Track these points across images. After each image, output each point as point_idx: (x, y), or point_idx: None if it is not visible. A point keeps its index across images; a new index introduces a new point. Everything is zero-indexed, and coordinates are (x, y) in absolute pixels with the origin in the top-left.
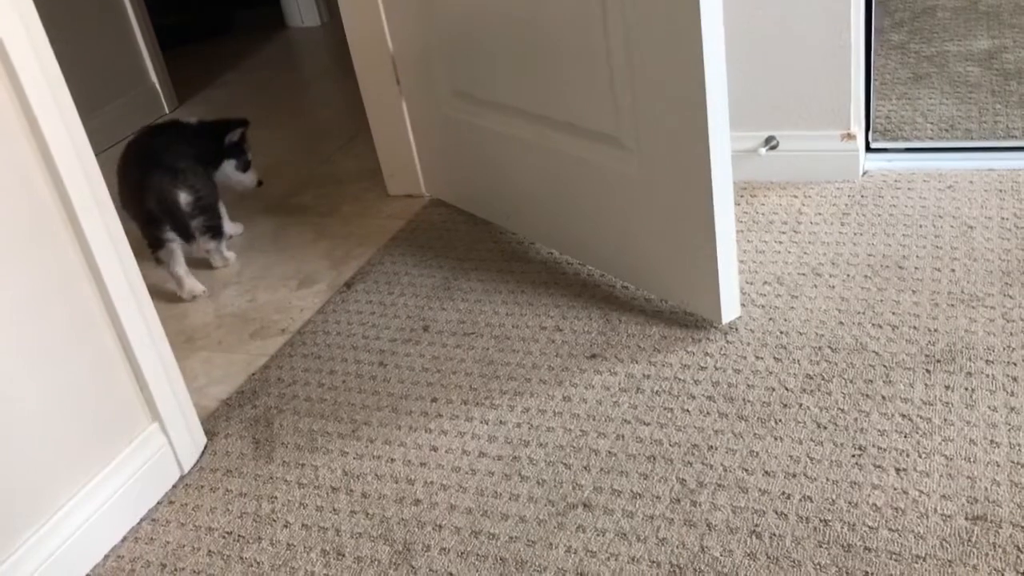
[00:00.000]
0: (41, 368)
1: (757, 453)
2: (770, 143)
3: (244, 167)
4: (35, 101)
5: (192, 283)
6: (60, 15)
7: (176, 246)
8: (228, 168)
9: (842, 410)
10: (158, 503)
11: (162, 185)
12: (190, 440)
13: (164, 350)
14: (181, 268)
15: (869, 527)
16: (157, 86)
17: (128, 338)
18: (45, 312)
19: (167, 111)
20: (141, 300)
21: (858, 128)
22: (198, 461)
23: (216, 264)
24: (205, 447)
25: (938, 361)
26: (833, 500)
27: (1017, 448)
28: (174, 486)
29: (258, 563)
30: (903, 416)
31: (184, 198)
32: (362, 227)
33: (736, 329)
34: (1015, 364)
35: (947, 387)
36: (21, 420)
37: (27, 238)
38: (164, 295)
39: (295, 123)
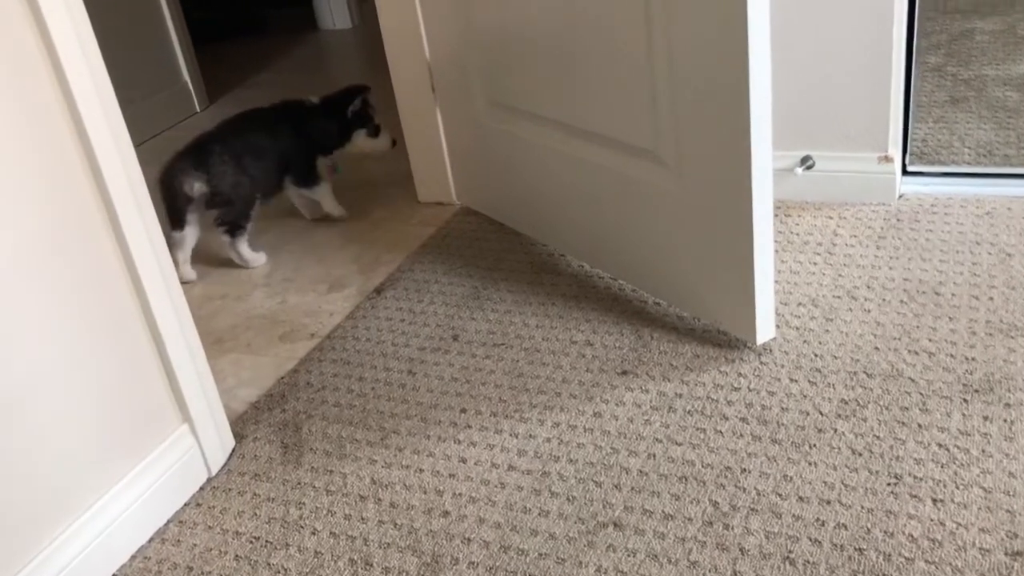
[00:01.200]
0: (76, 366)
1: (791, 478)
2: (806, 163)
3: (374, 132)
4: (80, 99)
5: (185, 271)
6: (94, 7)
7: (189, 232)
8: (359, 139)
9: (878, 437)
10: (185, 505)
11: (180, 165)
12: (219, 442)
13: (197, 351)
14: (182, 254)
15: (905, 558)
16: (189, 84)
17: (162, 338)
18: (81, 309)
19: (198, 109)
20: (176, 299)
21: (895, 151)
22: (226, 464)
23: (237, 262)
24: (233, 450)
25: (976, 391)
26: (868, 529)
27: None
28: (201, 488)
29: (285, 570)
30: (940, 446)
31: (196, 187)
32: (392, 233)
33: (770, 350)
34: None
35: (985, 418)
36: (54, 418)
37: (69, 235)
38: (194, 295)
39: None
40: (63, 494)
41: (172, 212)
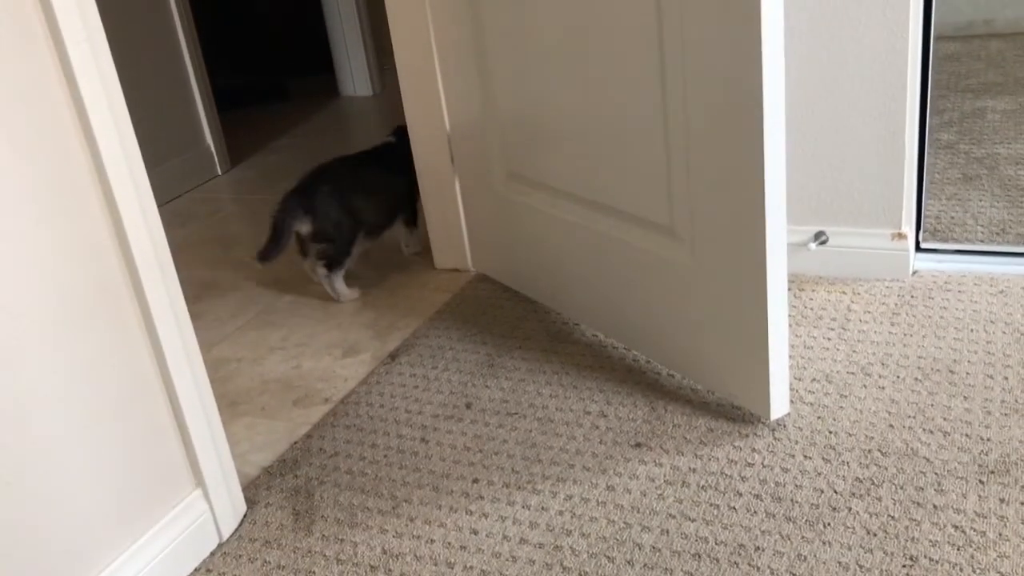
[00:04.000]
0: (93, 430)
1: (805, 557)
2: (820, 238)
3: None
4: (109, 164)
5: (339, 288)
6: (122, 71)
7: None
8: None
9: (892, 517)
10: (195, 571)
11: (290, 205)
12: (231, 508)
13: (213, 416)
14: (308, 262)
15: None
16: (212, 148)
17: (180, 403)
18: (102, 374)
19: (219, 172)
20: (194, 364)
21: (909, 228)
22: (237, 529)
23: (331, 294)
24: (245, 515)
25: (992, 472)
26: None
27: None
28: (212, 554)
29: None
30: (956, 527)
31: (303, 227)
32: (408, 298)
33: (784, 426)
34: None
35: (1002, 500)
36: (69, 481)
37: (92, 302)
38: (210, 357)
39: None
40: (76, 557)
41: (273, 244)
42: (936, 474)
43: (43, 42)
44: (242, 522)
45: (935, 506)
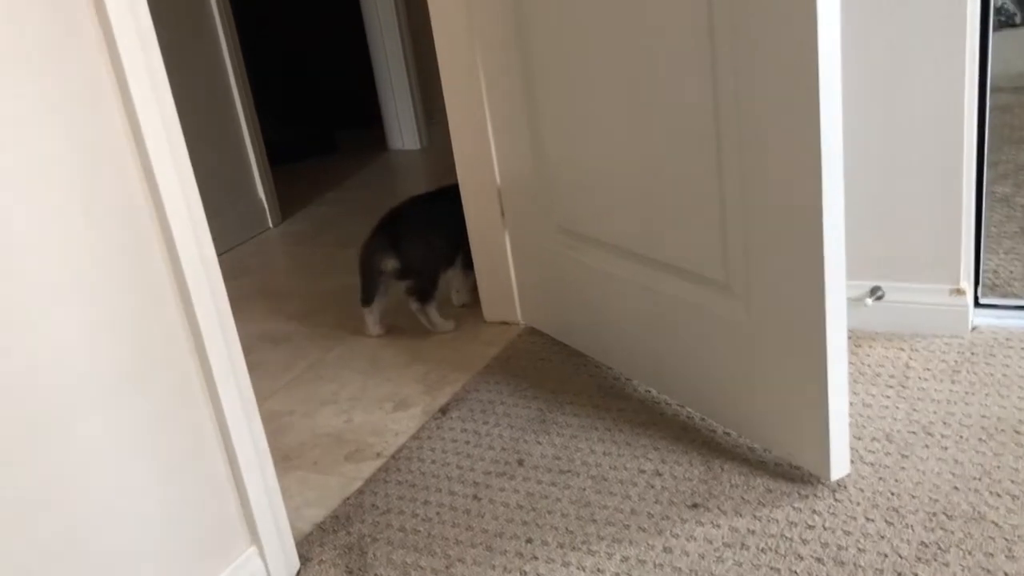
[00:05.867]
0: (153, 487)
1: None
2: (876, 293)
3: None
4: (173, 218)
5: (373, 328)
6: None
7: (377, 304)
8: None
9: None
10: None
11: (375, 246)
12: (284, 565)
13: (269, 471)
14: (371, 317)
15: None
16: (264, 201)
17: (237, 457)
18: (163, 430)
19: (271, 225)
20: (252, 420)
21: (967, 283)
22: None
23: (427, 326)
24: (298, 573)
25: None
26: None
27: None
28: None
29: None
30: None
31: (390, 264)
32: (457, 352)
33: (845, 487)
34: None
35: None
36: (129, 539)
37: (155, 356)
38: (262, 411)
39: None
40: None
41: (366, 287)
42: (1006, 539)
43: (112, 99)
44: None
45: (1005, 573)
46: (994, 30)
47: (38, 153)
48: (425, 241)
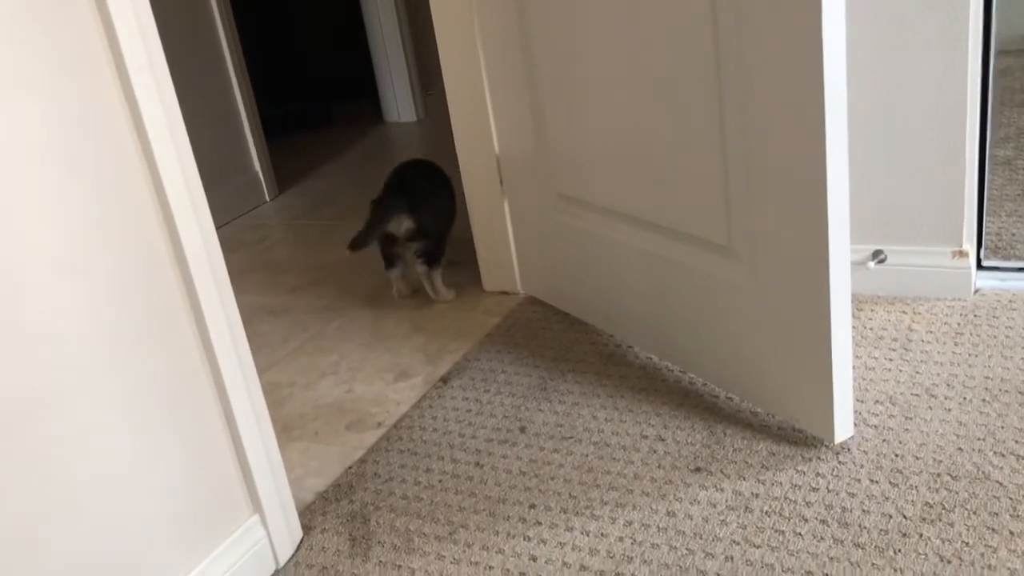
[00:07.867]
0: (153, 456)
1: None
2: (878, 256)
3: None
4: (170, 190)
5: (397, 284)
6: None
7: (400, 265)
8: None
9: (967, 543)
10: None
11: (393, 202)
12: (287, 534)
13: (270, 441)
14: (396, 278)
15: None
16: (260, 175)
17: (238, 428)
18: (162, 398)
19: (267, 199)
20: (252, 390)
21: (970, 245)
22: (294, 555)
23: (430, 293)
24: (301, 541)
25: None
26: None
27: None
28: None
29: None
30: None
31: (404, 226)
32: (457, 321)
33: (849, 449)
34: None
35: None
36: (129, 507)
37: (153, 325)
38: (262, 382)
39: None
40: None
41: (367, 234)
42: (1010, 499)
43: (108, 70)
44: (299, 548)
45: (1011, 532)
46: None
47: (34, 126)
48: (436, 204)
